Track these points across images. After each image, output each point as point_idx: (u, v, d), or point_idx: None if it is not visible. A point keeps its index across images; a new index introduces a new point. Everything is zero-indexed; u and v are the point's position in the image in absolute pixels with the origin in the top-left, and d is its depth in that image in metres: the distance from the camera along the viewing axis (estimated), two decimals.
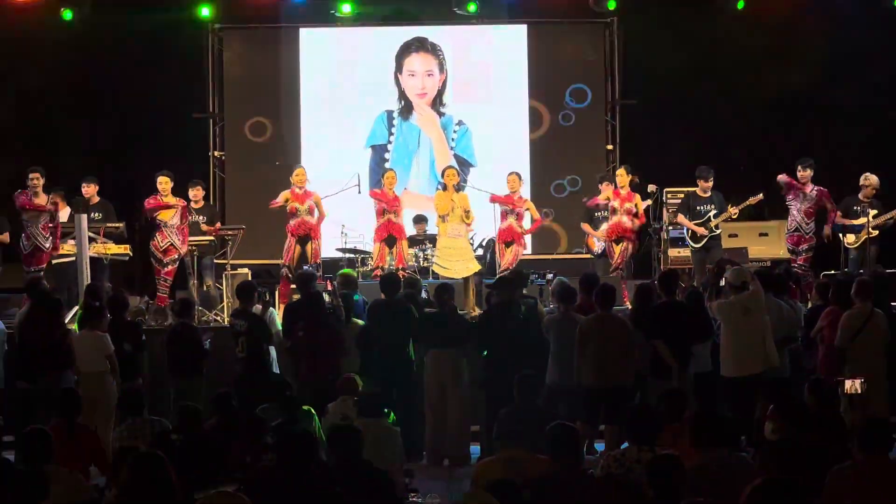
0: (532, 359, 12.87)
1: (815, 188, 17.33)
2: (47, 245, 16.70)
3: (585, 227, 18.41)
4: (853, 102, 19.91)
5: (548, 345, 13.47)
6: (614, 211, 17.45)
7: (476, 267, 17.39)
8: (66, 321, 14.84)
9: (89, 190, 18.02)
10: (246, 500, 6.02)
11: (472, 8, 20.25)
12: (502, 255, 17.53)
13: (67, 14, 19.20)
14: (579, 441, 8.29)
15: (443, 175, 17.73)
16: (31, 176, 16.65)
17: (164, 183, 17.04)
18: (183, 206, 17.19)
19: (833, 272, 16.94)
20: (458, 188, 17.53)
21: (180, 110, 20.74)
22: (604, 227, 17.75)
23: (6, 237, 17.36)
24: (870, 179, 17.49)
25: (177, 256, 17.15)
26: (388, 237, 17.45)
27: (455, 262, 17.31)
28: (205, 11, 19.93)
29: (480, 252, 18.65)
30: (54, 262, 16.96)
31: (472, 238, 17.93)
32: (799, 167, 17.33)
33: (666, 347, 12.86)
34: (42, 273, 16.40)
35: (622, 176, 17.58)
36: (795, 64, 19.51)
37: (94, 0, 19.17)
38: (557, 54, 21.56)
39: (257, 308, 14.62)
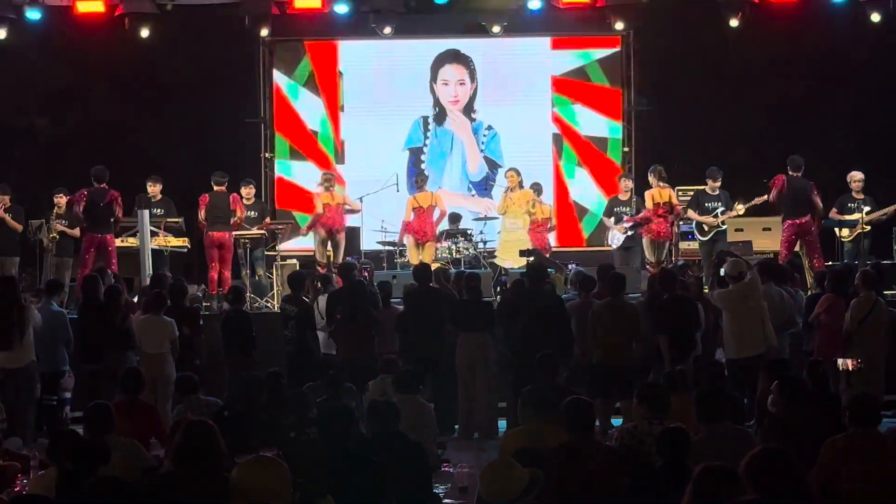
0: (554, 341, 12.75)
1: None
2: None
3: (606, 220, 18.42)
4: (847, 108, 19.80)
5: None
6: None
7: None
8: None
9: (154, 189, 18.07)
10: (283, 464, 5.96)
11: (495, 28, 20.16)
12: None
13: (144, 32, 19.00)
14: (593, 415, 8.25)
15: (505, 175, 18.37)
16: None
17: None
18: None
19: (830, 263, 16.88)
20: (520, 186, 17.93)
21: (235, 116, 20.74)
22: (625, 223, 17.91)
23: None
24: (855, 176, 17.39)
25: None
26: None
27: (514, 252, 17.48)
28: (264, 31, 19.84)
29: None
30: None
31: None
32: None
33: (666, 342, 12.82)
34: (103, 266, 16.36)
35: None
36: (795, 73, 19.42)
37: (160, 16, 19.09)
38: (577, 64, 21.43)
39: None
